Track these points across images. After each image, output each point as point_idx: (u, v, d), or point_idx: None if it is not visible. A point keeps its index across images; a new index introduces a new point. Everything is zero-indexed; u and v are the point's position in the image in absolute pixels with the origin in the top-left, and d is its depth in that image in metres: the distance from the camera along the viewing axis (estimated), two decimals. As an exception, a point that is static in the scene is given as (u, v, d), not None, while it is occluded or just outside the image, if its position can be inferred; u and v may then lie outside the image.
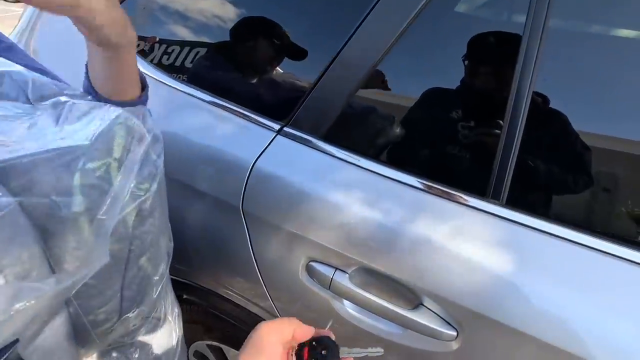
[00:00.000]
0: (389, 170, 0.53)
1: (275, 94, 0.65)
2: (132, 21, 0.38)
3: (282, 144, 0.59)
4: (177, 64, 0.70)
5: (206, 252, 0.68)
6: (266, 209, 0.59)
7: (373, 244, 0.52)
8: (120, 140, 0.36)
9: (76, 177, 0.32)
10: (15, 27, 0.91)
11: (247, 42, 0.70)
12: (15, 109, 0.35)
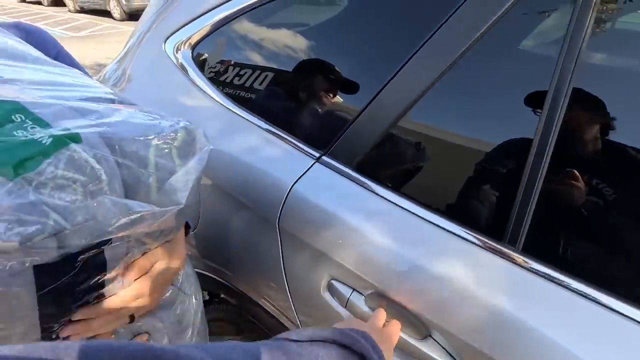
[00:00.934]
0: (412, 205, 0.57)
1: (319, 125, 0.73)
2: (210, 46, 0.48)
3: (319, 171, 0.66)
4: (239, 90, 0.82)
5: (243, 258, 0.76)
6: (299, 227, 0.66)
7: (390, 273, 0.56)
8: (189, 137, 0.44)
9: (149, 156, 0.38)
10: (123, 49, 1.11)
11: (301, 77, 0.79)
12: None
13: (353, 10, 0.69)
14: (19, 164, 0.28)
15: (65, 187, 0.31)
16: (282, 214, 0.66)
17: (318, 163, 0.66)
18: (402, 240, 0.56)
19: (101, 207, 0.32)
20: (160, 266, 0.45)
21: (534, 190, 0.49)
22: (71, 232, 0.31)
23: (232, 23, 0.80)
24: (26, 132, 0.30)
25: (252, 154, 0.73)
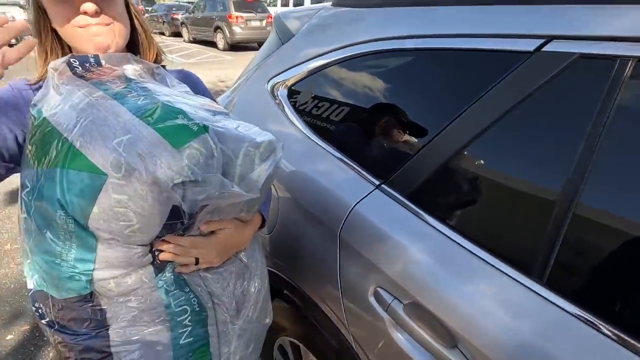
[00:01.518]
0: (451, 232, 0.67)
1: (382, 158, 0.87)
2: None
3: (378, 196, 0.80)
4: (320, 123, 1.01)
5: (306, 260, 0.92)
6: (356, 239, 0.80)
7: (427, 287, 0.67)
8: (270, 147, 0.59)
9: (240, 154, 0.55)
10: (235, 83, 1.40)
11: (372, 116, 0.95)
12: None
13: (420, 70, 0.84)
14: (179, 141, 0.48)
15: (196, 157, 0.49)
16: (343, 227, 0.81)
17: (378, 190, 0.80)
18: (440, 261, 0.67)
19: (214, 179, 0.50)
20: (225, 233, 0.63)
21: (561, 229, 0.56)
22: (194, 189, 0.49)
23: (322, 71, 1.00)
24: (182, 120, 0.50)
25: (324, 175, 0.90)
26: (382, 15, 0.89)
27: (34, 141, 0.53)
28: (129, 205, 0.47)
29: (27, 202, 0.53)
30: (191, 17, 12.54)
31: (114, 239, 0.51)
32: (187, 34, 12.77)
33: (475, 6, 0.71)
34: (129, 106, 0.50)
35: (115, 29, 0.59)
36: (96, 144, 0.47)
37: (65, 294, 0.55)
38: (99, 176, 0.47)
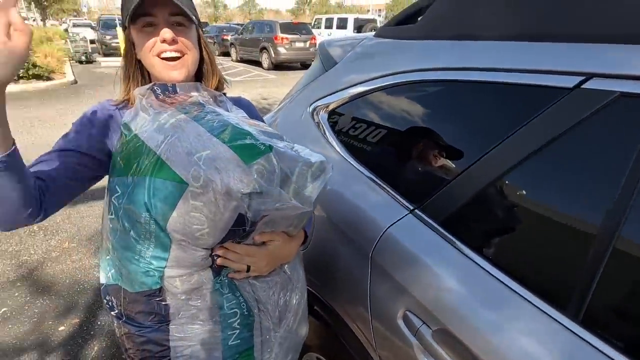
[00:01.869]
0: (483, 262, 0.68)
1: (416, 184, 0.89)
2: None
3: (411, 221, 0.82)
4: (357, 147, 1.05)
5: (338, 278, 0.95)
6: (388, 262, 0.82)
7: (455, 314, 0.67)
8: (321, 167, 0.65)
9: (295, 172, 0.61)
10: (279, 105, 1.49)
11: (409, 142, 0.98)
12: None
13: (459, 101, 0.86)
14: (250, 157, 0.55)
15: (262, 172, 0.56)
16: (375, 248, 0.83)
17: (411, 214, 0.82)
18: (472, 290, 0.67)
19: (275, 192, 0.57)
20: (274, 244, 0.69)
21: (600, 264, 0.55)
22: (258, 200, 0.56)
23: (363, 97, 1.05)
24: (250, 140, 0.57)
25: (359, 197, 0.93)
26: (423, 47, 0.92)
27: (124, 153, 0.62)
28: (203, 211, 0.55)
29: (116, 205, 0.62)
30: (240, 38, 13.30)
31: (185, 241, 0.59)
32: (235, 53, 13.53)
33: (515, 42, 0.73)
34: (206, 127, 0.59)
35: (188, 59, 0.70)
36: (180, 158, 0.56)
37: (138, 287, 0.63)
38: (181, 185, 0.55)
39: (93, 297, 2.00)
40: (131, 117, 0.65)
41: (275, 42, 11.31)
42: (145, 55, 0.69)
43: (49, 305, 1.94)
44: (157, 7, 0.65)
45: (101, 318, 1.86)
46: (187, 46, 0.69)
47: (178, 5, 0.64)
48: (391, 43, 1.05)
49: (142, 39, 0.67)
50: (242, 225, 0.59)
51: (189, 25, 0.70)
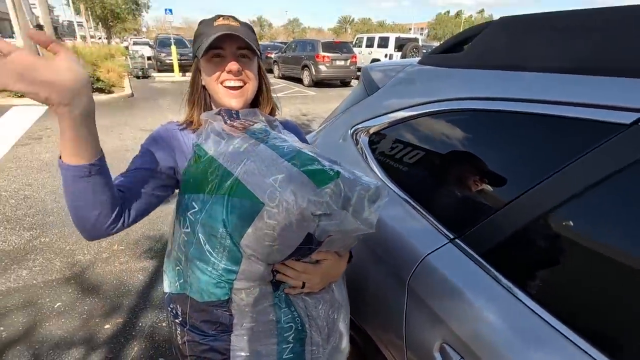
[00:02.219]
0: (527, 299, 0.65)
1: (457, 212, 0.88)
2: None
3: (451, 250, 0.80)
4: (397, 171, 1.05)
5: (373, 303, 0.95)
6: (425, 290, 0.81)
7: (497, 352, 0.65)
8: (377, 192, 0.66)
9: (354, 195, 0.63)
10: (320, 126, 1.54)
11: (450, 168, 0.97)
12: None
13: (505, 131, 0.85)
14: (321, 182, 0.58)
15: (331, 196, 0.59)
16: (413, 275, 0.83)
17: (451, 243, 0.81)
18: (512, 327, 0.65)
19: (342, 214, 0.60)
20: (327, 264, 0.72)
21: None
22: (327, 221, 0.60)
23: (404, 123, 1.06)
24: (319, 165, 0.61)
25: (398, 222, 0.94)
26: (468, 75, 0.93)
27: (199, 173, 0.68)
28: (276, 229, 0.59)
29: (192, 220, 0.67)
30: (282, 56, 13.81)
31: (255, 256, 0.63)
32: (278, 70, 14.05)
33: (568, 75, 0.72)
34: (278, 152, 0.64)
35: (248, 88, 0.78)
36: (256, 180, 0.60)
37: (207, 297, 0.67)
38: (258, 204, 0.59)
39: (136, 299, 2.12)
40: (203, 139, 0.72)
41: (316, 60, 11.62)
42: (210, 82, 0.76)
43: (97, 304, 2.07)
44: (227, 42, 0.73)
45: (142, 320, 1.97)
46: (249, 76, 0.77)
47: (245, 40, 0.72)
48: (435, 70, 1.06)
49: (210, 69, 0.75)
50: (309, 244, 0.63)
51: (252, 57, 0.77)
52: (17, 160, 4.29)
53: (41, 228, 2.85)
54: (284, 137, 0.71)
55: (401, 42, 14.33)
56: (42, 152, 4.60)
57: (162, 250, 2.61)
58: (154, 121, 6.33)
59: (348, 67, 12.23)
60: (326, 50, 11.78)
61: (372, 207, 0.63)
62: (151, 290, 2.20)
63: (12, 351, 1.73)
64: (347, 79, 12.62)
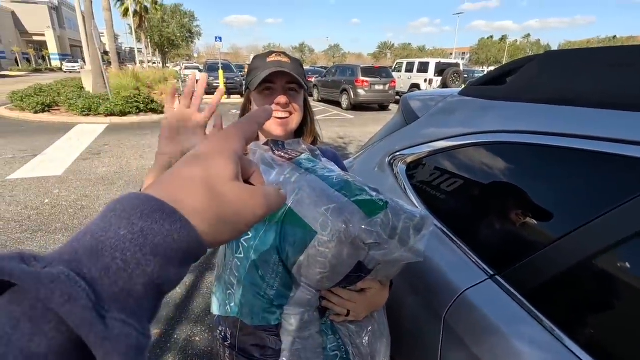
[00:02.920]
0: (574, 346, 0.61)
1: (499, 247, 0.85)
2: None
3: (491, 287, 0.78)
4: (435, 201, 1.04)
5: (406, 335, 0.92)
6: (462, 327, 0.78)
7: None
8: (422, 221, 0.66)
9: (400, 225, 0.63)
10: (359, 152, 1.56)
11: (492, 200, 0.95)
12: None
13: (554, 167, 0.82)
14: (371, 212, 0.60)
15: (381, 225, 0.60)
16: (449, 310, 0.80)
17: (491, 280, 0.78)
18: (559, 377, 0.61)
19: (392, 243, 0.61)
20: (372, 292, 0.73)
21: None
22: (376, 250, 0.60)
23: (444, 153, 1.06)
24: (368, 195, 0.63)
25: (435, 253, 0.92)
26: (513, 108, 0.91)
27: None
28: (328, 257, 0.61)
29: (246, 247, 0.69)
30: (322, 80, 14.20)
31: (306, 283, 0.65)
32: (317, 94, 14.43)
33: (622, 111, 0.69)
34: (327, 182, 0.66)
35: (293, 119, 0.83)
36: (309, 209, 0.63)
37: (258, 322, 0.69)
38: (311, 233, 0.61)
39: (173, 312, 2.20)
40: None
41: (355, 85, 11.83)
42: None
43: (137, 313, 2.18)
44: (278, 77, 0.79)
45: (177, 333, 2.03)
46: (295, 108, 0.82)
47: (294, 76, 0.78)
48: (477, 102, 1.05)
49: (261, 100, 0.81)
50: (359, 272, 0.65)
51: (300, 90, 0.83)
52: (78, 173, 4.70)
53: (94, 237, 3.07)
54: (330, 167, 0.74)
55: (442, 67, 14.23)
56: (100, 166, 5.01)
57: (200, 265, 2.71)
58: (199, 140, 6.69)
59: (387, 92, 12.31)
60: (365, 75, 11.97)
61: (418, 236, 0.64)
62: (188, 304, 2.28)
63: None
64: (385, 103, 12.68)
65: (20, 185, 4.18)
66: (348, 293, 0.70)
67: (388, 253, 0.62)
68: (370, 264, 0.64)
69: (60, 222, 3.32)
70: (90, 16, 10.27)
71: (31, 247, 2.86)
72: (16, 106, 9.19)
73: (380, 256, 0.62)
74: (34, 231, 3.13)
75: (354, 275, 0.65)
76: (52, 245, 2.90)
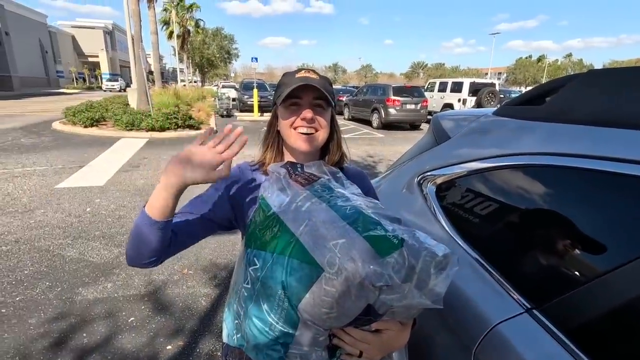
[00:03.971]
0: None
1: (539, 279, 0.78)
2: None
3: (527, 322, 0.71)
4: (468, 227, 0.99)
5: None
6: (494, 364, 0.72)
7: None
8: (445, 259, 0.59)
9: (419, 263, 0.57)
10: (386, 171, 1.53)
11: (534, 232, 0.84)
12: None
13: (600, 194, 0.75)
14: (383, 250, 0.54)
15: (394, 266, 0.55)
16: (480, 344, 0.74)
17: (527, 314, 0.72)
18: None
19: (406, 287, 0.56)
20: (389, 334, 0.67)
21: None
22: (388, 293, 0.56)
23: (477, 175, 1.01)
24: (382, 231, 0.58)
25: (465, 282, 0.86)
26: (554, 129, 0.86)
27: (263, 228, 0.69)
28: (335, 297, 0.56)
29: (253, 277, 0.66)
30: (353, 99, 14.34)
31: (312, 321, 0.61)
32: (348, 112, 14.56)
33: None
34: (339, 213, 0.62)
35: (319, 135, 0.81)
36: (317, 243, 0.59)
37: (262, 358, 0.66)
38: (317, 269, 0.57)
39: (197, 324, 2.22)
40: (269, 192, 0.74)
41: (387, 104, 11.83)
42: (285, 127, 0.82)
43: (163, 324, 2.21)
44: (305, 92, 0.79)
45: (200, 347, 2.04)
46: (321, 125, 0.81)
47: (322, 91, 0.77)
48: (514, 122, 1.00)
49: (287, 115, 0.81)
50: (368, 315, 0.59)
51: (327, 107, 0.82)
52: (118, 184, 4.97)
53: (128, 246, 3.19)
54: (348, 194, 0.70)
55: (476, 87, 13.94)
56: (138, 178, 5.27)
57: (227, 279, 2.73)
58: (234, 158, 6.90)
59: (418, 111, 12.19)
60: (397, 94, 11.96)
61: (440, 277, 0.58)
62: (211, 318, 2.29)
63: (89, 358, 1.91)
64: (417, 122, 12.55)
65: (66, 194, 4.47)
66: (361, 333, 0.65)
67: (401, 298, 0.56)
68: (381, 309, 0.59)
69: (99, 230, 3.49)
70: (139, 39, 11.08)
71: (71, 253, 3.02)
72: (69, 120, 9.97)
73: (392, 301, 0.57)
74: (75, 237, 3.30)
75: (364, 318, 0.60)
76: (89, 252, 3.05)
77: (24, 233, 3.36)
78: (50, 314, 2.25)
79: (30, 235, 3.31)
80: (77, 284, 2.60)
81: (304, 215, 0.64)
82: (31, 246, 3.12)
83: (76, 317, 2.23)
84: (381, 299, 0.56)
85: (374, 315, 0.60)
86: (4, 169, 5.49)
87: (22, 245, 3.13)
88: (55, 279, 2.65)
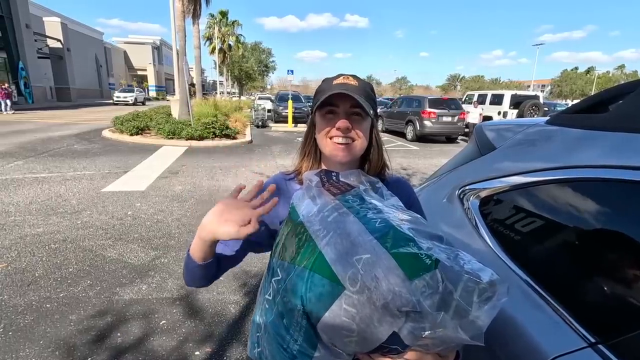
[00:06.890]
0: None
1: (607, 309, 0.68)
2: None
3: (590, 357, 0.62)
4: (516, 247, 0.90)
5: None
6: (550, 405, 0.63)
7: None
8: (492, 286, 0.50)
9: (459, 288, 0.49)
10: (424, 182, 1.46)
11: (598, 254, 0.74)
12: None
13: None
14: (413, 271, 0.48)
15: (425, 290, 0.48)
16: (534, 381, 0.66)
17: (591, 349, 0.63)
18: None
19: (439, 316, 0.48)
20: None
21: None
22: (417, 321, 0.49)
23: (528, 189, 0.92)
24: (414, 248, 0.51)
25: (514, 308, 0.77)
26: (622, 140, 0.76)
27: (288, 238, 0.65)
28: (355, 319, 0.50)
29: (275, 288, 0.61)
30: (388, 111, 14.20)
31: (332, 343, 0.55)
32: (382, 124, 14.41)
33: None
34: (368, 226, 0.56)
35: (356, 145, 0.77)
36: (339, 256, 0.53)
37: None
38: (337, 286, 0.51)
39: (225, 331, 2.21)
40: (299, 201, 0.70)
41: (422, 116, 11.59)
42: (321, 136, 0.79)
43: (193, 329, 2.23)
44: (341, 100, 0.75)
45: (227, 354, 2.02)
46: (358, 135, 0.77)
47: (358, 100, 0.73)
48: (572, 132, 0.91)
49: (323, 123, 0.78)
50: (394, 344, 0.52)
51: (365, 116, 0.77)
52: (157, 190, 5.18)
53: (163, 249, 3.29)
54: (382, 206, 0.64)
55: (518, 99, 13.35)
56: (176, 185, 5.48)
57: (256, 287, 2.73)
58: (266, 167, 7.02)
59: (455, 124, 11.83)
60: (433, 106, 11.69)
61: (484, 307, 0.49)
62: (239, 326, 2.28)
63: (121, 358, 1.95)
64: (453, 135, 12.18)
65: (111, 197, 4.73)
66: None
67: (432, 328, 0.48)
68: (407, 338, 0.50)
69: (137, 233, 3.63)
70: (183, 53, 11.72)
71: (111, 254, 3.16)
72: (117, 129, 10.66)
73: (421, 330, 0.49)
74: (116, 239, 3.46)
75: (389, 347, 0.52)
76: (128, 254, 3.17)
77: (71, 233, 3.57)
78: (89, 311, 2.34)
79: (77, 235, 3.51)
80: (115, 284, 2.70)
81: (329, 226, 0.58)
82: (76, 246, 3.30)
83: (112, 316, 2.30)
84: (408, 326, 0.49)
85: (401, 345, 0.52)
86: (58, 172, 5.92)
87: (68, 244, 3.32)
88: (96, 278, 2.77)
